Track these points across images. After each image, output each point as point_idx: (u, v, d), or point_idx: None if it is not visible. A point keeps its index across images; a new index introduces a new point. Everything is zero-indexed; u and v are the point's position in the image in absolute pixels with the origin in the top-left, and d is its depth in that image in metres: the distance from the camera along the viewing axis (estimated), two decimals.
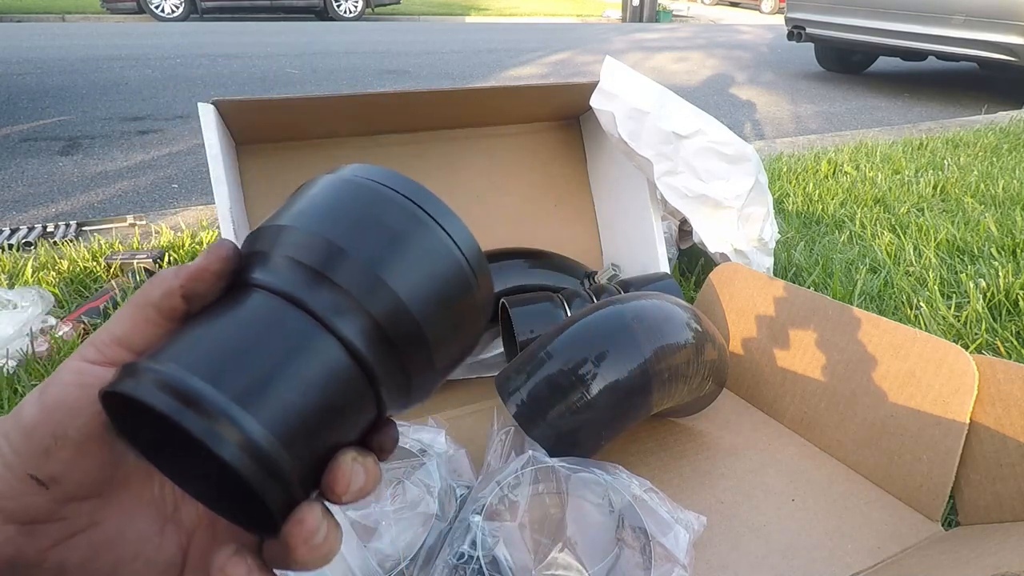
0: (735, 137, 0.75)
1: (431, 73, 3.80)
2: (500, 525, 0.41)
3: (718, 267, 0.68)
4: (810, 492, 0.49)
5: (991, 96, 3.19)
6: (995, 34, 2.67)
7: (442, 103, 0.65)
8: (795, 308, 0.59)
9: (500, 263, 0.68)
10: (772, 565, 0.42)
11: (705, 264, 0.93)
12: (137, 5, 6.76)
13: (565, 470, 0.43)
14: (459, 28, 7.12)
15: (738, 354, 0.63)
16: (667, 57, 4.89)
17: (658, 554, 0.38)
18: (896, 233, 1.14)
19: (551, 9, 10.41)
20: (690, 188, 0.72)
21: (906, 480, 0.48)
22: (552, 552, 0.39)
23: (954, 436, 0.46)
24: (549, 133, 0.79)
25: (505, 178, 0.76)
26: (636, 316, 0.48)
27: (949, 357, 0.47)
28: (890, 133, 2.09)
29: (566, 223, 0.79)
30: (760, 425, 0.58)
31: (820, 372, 0.56)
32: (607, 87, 0.66)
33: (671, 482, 0.50)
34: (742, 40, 6.26)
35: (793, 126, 2.68)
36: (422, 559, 0.41)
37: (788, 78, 3.90)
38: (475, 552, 0.39)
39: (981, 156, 1.68)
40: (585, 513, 0.41)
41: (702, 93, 3.38)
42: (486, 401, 0.61)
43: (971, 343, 0.76)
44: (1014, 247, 1.05)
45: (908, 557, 0.43)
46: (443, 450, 0.48)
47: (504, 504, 0.43)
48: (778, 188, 1.39)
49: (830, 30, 3.41)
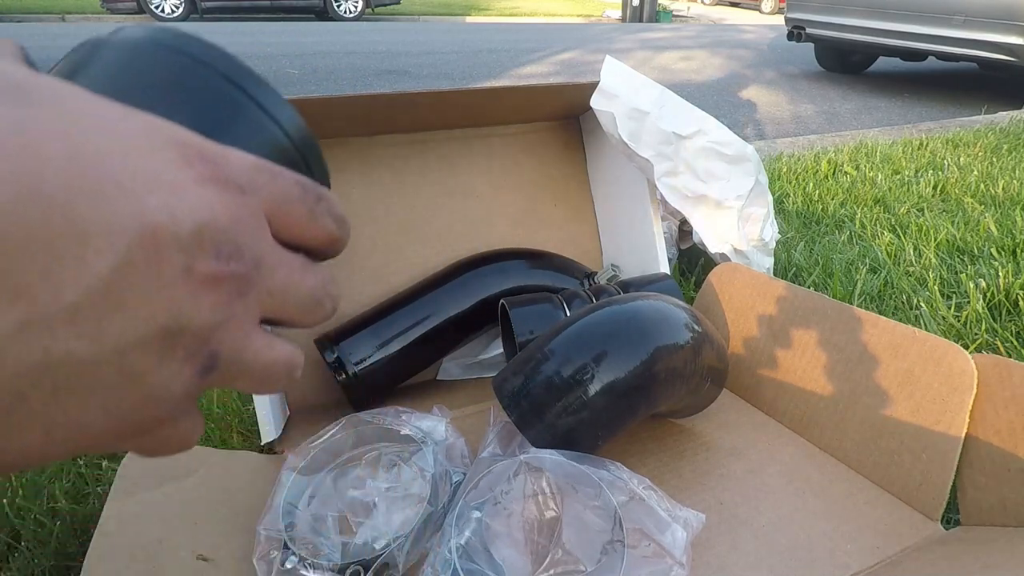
0: (735, 137, 0.74)
1: (431, 73, 3.80)
2: (497, 525, 0.42)
3: (718, 267, 0.68)
4: (810, 492, 0.49)
5: (991, 96, 3.19)
6: (995, 34, 2.67)
7: (442, 103, 0.65)
8: (795, 308, 0.59)
9: (500, 263, 0.68)
10: (771, 566, 0.42)
11: (705, 264, 0.93)
12: (137, 5, 6.77)
13: (562, 468, 0.43)
14: (459, 28, 7.12)
15: (738, 354, 0.63)
16: (671, 56, 4.89)
17: (656, 552, 0.38)
18: (896, 233, 1.14)
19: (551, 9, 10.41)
20: (690, 188, 0.72)
21: (906, 479, 0.48)
22: (550, 552, 0.39)
23: (954, 435, 0.46)
24: (549, 133, 0.79)
25: (505, 178, 0.76)
26: (635, 316, 0.48)
27: (948, 356, 0.47)
28: (890, 133, 2.09)
29: (566, 223, 0.79)
30: (760, 425, 0.58)
31: (820, 372, 0.56)
32: (607, 87, 0.66)
33: (670, 482, 0.50)
34: (744, 39, 6.26)
35: (793, 126, 2.68)
36: (411, 541, 0.41)
37: (788, 78, 3.90)
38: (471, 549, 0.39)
39: (981, 156, 1.68)
40: (582, 512, 0.41)
41: (704, 92, 3.38)
42: (486, 402, 0.61)
43: (971, 343, 0.76)
44: (1014, 247, 1.05)
45: (908, 557, 0.43)
46: (442, 438, 0.49)
47: (501, 503, 0.43)
48: (778, 188, 1.39)
49: (830, 30, 3.41)
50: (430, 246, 0.71)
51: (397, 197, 0.70)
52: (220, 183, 0.14)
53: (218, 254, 0.14)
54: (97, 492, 0.56)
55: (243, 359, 0.15)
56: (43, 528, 0.53)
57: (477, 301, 0.64)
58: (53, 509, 0.54)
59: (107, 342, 0.12)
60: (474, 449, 0.50)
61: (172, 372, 0.14)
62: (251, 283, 0.15)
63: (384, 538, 0.42)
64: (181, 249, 0.13)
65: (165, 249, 0.13)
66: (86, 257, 0.12)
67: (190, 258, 0.13)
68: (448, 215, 0.73)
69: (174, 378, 0.14)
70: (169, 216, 0.13)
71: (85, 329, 0.12)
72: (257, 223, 0.15)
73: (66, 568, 0.50)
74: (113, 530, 0.41)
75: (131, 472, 0.46)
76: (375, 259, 0.69)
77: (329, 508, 0.45)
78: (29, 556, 0.51)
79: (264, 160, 0.16)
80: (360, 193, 0.69)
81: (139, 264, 0.12)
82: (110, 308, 0.12)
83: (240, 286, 0.14)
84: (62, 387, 0.12)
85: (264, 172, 0.15)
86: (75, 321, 0.12)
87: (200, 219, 0.13)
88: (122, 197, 0.12)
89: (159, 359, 0.13)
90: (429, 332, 0.62)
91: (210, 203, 0.14)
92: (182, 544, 0.42)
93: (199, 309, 0.13)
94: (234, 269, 0.14)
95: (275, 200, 0.15)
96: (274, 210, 0.15)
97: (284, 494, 0.44)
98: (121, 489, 0.45)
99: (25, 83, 0.13)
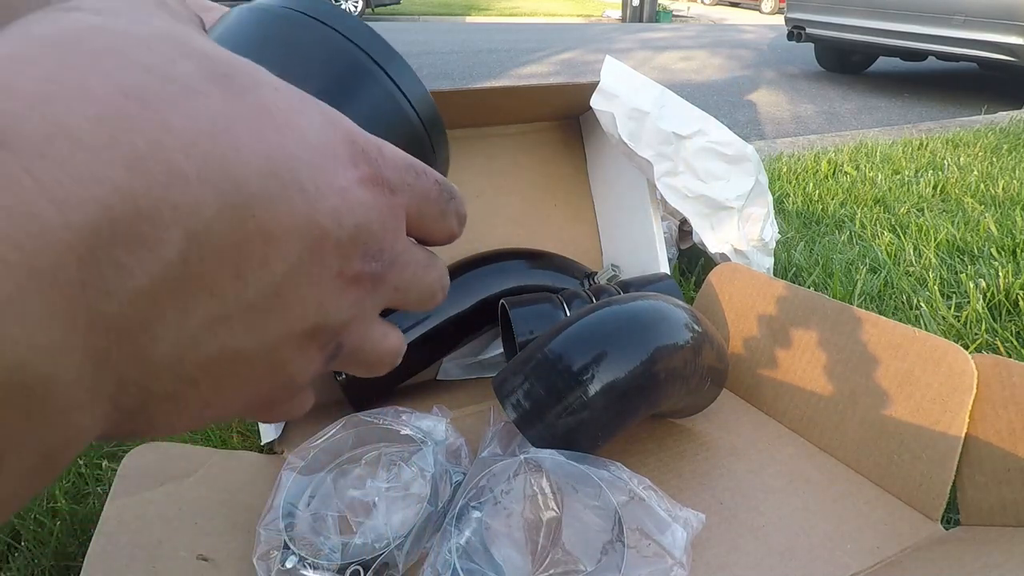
0: (735, 137, 0.75)
1: (431, 73, 3.80)
2: (497, 525, 0.42)
3: (718, 267, 0.68)
4: (810, 492, 0.49)
5: (991, 96, 3.19)
6: (995, 34, 2.67)
7: (442, 103, 0.65)
8: (795, 308, 0.59)
9: (500, 263, 0.68)
10: (771, 566, 0.42)
11: (705, 264, 0.93)
12: None
13: (562, 468, 0.43)
14: (459, 28, 7.12)
15: (738, 354, 0.63)
16: (671, 56, 4.89)
17: (656, 552, 0.38)
18: (896, 233, 1.14)
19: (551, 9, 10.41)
20: (690, 188, 0.72)
21: (906, 479, 0.48)
22: (550, 552, 0.39)
23: (953, 435, 0.46)
24: (549, 133, 0.79)
25: (505, 178, 0.76)
26: (635, 317, 0.48)
27: (948, 356, 0.47)
28: (890, 133, 2.09)
29: (566, 223, 0.79)
30: (760, 425, 0.58)
31: (820, 372, 0.56)
32: (607, 87, 0.66)
33: (670, 482, 0.50)
34: (744, 39, 6.26)
35: (793, 126, 2.68)
36: (411, 541, 0.41)
37: (788, 78, 3.90)
38: (471, 549, 0.39)
39: (981, 156, 1.68)
40: (582, 512, 0.41)
41: (704, 92, 3.38)
42: (486, 402, 0.61)
43: (971, 343, 0.76)
44: (1014, 247, 1.05)
45: (908, 557, 0.43)
46: (442, 438, 0.49)
47: (501, 503, 0.43)
48: (778, 188, 1.39)
49: (830, 30, 3.41)
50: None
51: None
52: (378, 184, 0.15)
53: (365, 254, 0.14)
54: (97, 492, 0.56)
55: (363, 348, 0.16)
56: (43, 528, 0.53)
57: (477, 301, 0.64)
58: (53, 509, 0.54)
59: (268, 339, 0.13)
60: (474, 449, 0.50)
61: (307, 361, 0.14)
62: (385, 280, 0.15)
63: (384, 538, 0.42)
64: (339, 252, 0.13)
65: (327, 252, 0.13)
66: (268, 259, 0.12)
67: (344, 260, 0.14)
68: None
69: (308, 366, 0.14)
70: (336, 221, 0.13)
71: (254, 325, 0.13)
72: (399, 223, 0.15)
73: (66, 568, 0.50)
74: (113, 530, 0.41)
75: (131, 472, 0.46)
76: None
77: (329, 508, 0.45)
78: (29, 556, 0.51)
79: (413, 159, 0.16)
80: None
81: (306, 266, 0.13)
82: (277, 307, 0.13)
83: (375, 283, 0.15)
84: (225, 376, 0.13)
85: (411, 171, 0.16)
86: (249, 318, 0.12)
87: (359, 223, 0.14)
88: (303, 201, 0.13)
89: (300, 351, 0.14)
90: (429, 332, 0.62)
91: (367, 206, 0.14)
92: (182, 544, 0.42)
93: (340, 307, 0.14)
94: (374, 269, 0.15)
95: (416, 199, 0.16)
96: (413, 209, 0.16)
97: (284, 494, 0.44)
98: (121, 489, 0.45)
99: (229, 68, 0.13)
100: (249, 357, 0.13)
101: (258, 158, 0.12)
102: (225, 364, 0.13)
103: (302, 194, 0.13)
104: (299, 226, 0.13)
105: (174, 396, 0.12)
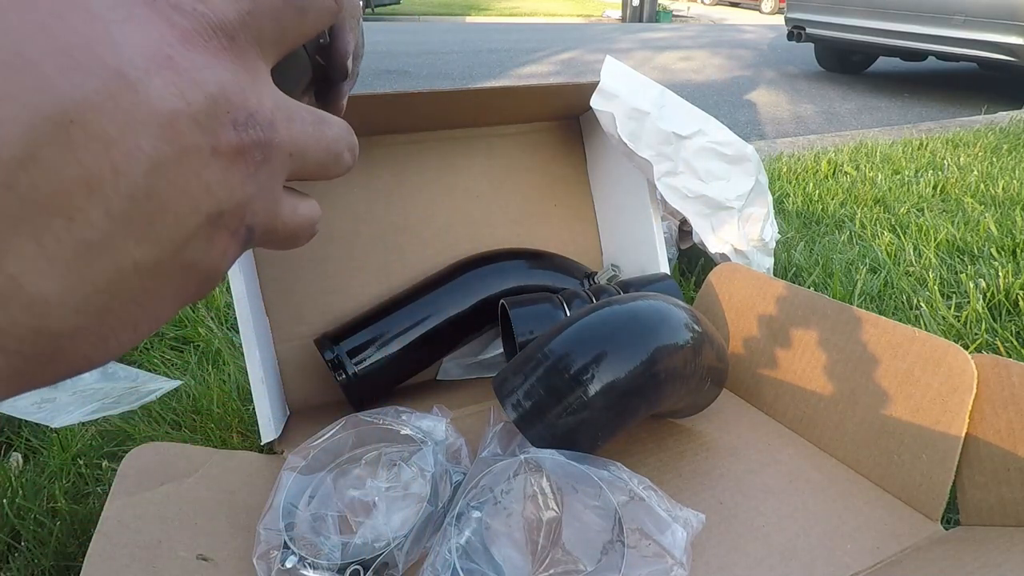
0: (735, 137, 0.75)
1: (431, 73, 3.80)
2: (497, 525, 0.42)
3: (718, 267, 0.68)
4: (810, 492, 0.49)
5: (991, 96, 3.19)
6: (995, 34, 2.67)
7: (442, 103, 0.65)
8: (795, 308, 0.59)
9: (500, 263, 0.68)
10: (771, 566, 0.42)
11: (705, 264, 0.93)
12: None
13: (562, 468, 0.43)
14: (459, 28, 7.12)
15: (738, 354, 0.63)
16: (671, 56, 4.88)
17: (656, 552, 0.38)
18: (896, 233, 1.14)
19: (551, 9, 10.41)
20: (690, 188, 0.72)
21: (905, 479, 0.48)
22: (550, 552, 0.39)
23: (953, 435, 0.46)
24: (549, 133, 0.79)
25: (505, 178, 0.76)
26: (635, 317, 0.48)
27: (948, 356, 0.47)
28: (890, 133, 2.09)
29: (566, 223, 0.79)
30: (760, 425, 0.58)
31: (820, 372, 0.56)
32: (607, 87, 0.66)
33: (670, 482, 0.50)
34: (744, 39, 6.26)
35: (793, 126, 2.68)
36: (411, 541, 0.41)
37: (788, 78, 3.90)
38: (471, 549, 0.39)
39: (981, 156, 1.68)
40: (582, 512, 0.41)
41: (704, 92, 3.38)
42: (486, 402, 0.61)
43: (971, 343, 0.76)
44: (1014, 247, 1.05)
45: (908, 557, 0.43)
46: (442, 438, 0.49)
47: (501, 503, 0.43)
48: (778, 188, 1.39)
49: (830, 30, 3.41)
50: (430, 246, 0.71)
51: (397, 197, 0.70)
52: (209, 36, 0.13)
53: (235, 124, 0.13)
54: (97, 492, 0.56)
55: (274, 227, 0.15)
56: (43, 528, 0.53)
57: (477, 301, 0.64)
58: (53, 509, 0.54)
59: (165, 244, 0.12)
60: (474, 449, 0.50)
61: (220, 251, 0.14)
62: (272, 145, 0.14)
63: (384, 538, 0.42)
64: (201, 130, 0.12)
65: (188, 135, 0.12)
66: (118, 164, 0.11)
67: (212, 136, 0.12)
68: (448, 215, 0.73)
69: (223, 256, 0.14)
70: (178, 97, 0.12)
71: (142, 235, 0.12)
72: (256, 73, 0.14)
73: (66, 568, 0.50)
74: (113, 530, 0.41)
75: (131, 472, 0.46)
76: (375, 259, 0.69)
77: (329, 508, 0.45)
78: (29, 556, 0.51)
79: None
80: (360, 193, 0.69)
81: (170, 158, 0.12)
82: (158, 209, 0.12)
83: (263, 151, 0.14)
84: (137, 292, 0.12)
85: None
86: (131, 230, 0.12)
87: (207, 91, 0.12)
88: (128, 90, 0.11)
89: (208, 244, 0.13)
90: (429, 332, 0.62)
91: (207, 67, 0.12)
92: (182, 544, 0.42)
93: (232, 187, 0.13)
94: (253, 136, 0.13)
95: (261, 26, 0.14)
96: (264, 37, 0.14)
97: (284, 494, 0.44)
98: (121, 489, 0.45)
99: None
100: (152, 268, 0.12)
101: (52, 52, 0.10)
102: (130, 283, 0.12)
103: (120, 79, 0.11)
104: (136, 119, 0.11)
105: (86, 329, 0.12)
